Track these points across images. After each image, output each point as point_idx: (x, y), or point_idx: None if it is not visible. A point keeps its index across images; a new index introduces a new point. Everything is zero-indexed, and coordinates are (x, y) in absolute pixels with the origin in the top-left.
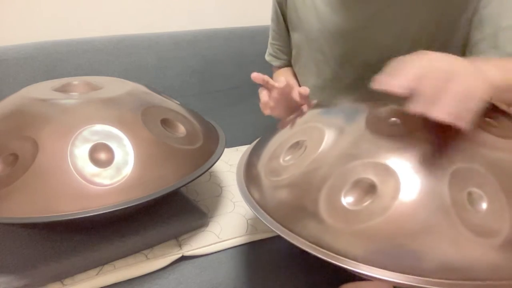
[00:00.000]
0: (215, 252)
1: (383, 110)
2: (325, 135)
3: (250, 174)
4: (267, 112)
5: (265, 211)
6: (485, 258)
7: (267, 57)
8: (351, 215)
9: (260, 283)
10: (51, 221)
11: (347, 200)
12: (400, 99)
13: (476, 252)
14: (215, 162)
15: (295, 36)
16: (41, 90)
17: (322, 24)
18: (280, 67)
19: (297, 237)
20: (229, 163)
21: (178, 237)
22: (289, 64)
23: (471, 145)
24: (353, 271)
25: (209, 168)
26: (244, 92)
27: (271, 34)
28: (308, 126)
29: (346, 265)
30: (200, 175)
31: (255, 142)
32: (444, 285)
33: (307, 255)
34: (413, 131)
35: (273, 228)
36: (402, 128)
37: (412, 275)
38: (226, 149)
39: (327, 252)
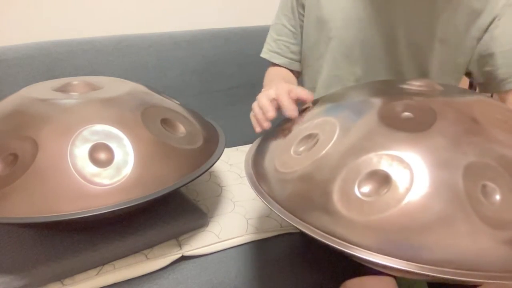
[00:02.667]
0: (215, 252)
1: (396, 105)
2: (337, 128)
3: (258, 167)
4: (258, 129)
5: (276, 203)
6: (498, 250)
7: (266, 54)
8: (364, 206)
9: (260, 283)
10: (51, 221)
11: (361, 191)
12: (411, 95)
13: (489, 244)
14: (215, 162)
15: (312, 28)
16: (41, 90)
17: (344, 13)
18: (280, 66)
19: (312, 228)
20: (229, 163)
21: (178, 237)
22: (291, 65)
23: (483, 140)
24: (365, 260)
25: (209, 168)
26: (244, 92)
27: (277, 29)
28: (320, 120)
29: (359, 254)
30: (200, 175)
31: (261, 137)
32: (456, 274)
33: (307, 254)
34: (426, 125)
35: (285, 218)
36: (416, 122)
37: (425, 265)
38: (226, 149)
39: (341, 241)
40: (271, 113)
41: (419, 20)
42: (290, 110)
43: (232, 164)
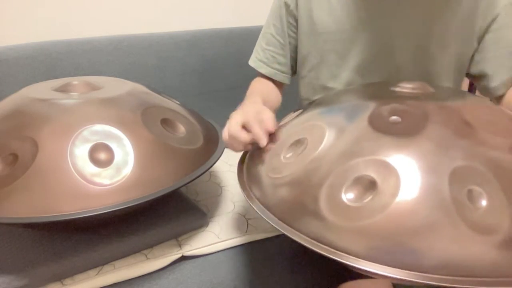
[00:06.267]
0: (215, 252)
1: (384, 109)
2: (326, 133)
3: (250, 172)
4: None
5: (266, 208)
6: (485, 255)
7: (254, 63)
8: (351, 212)
9: (260, 283)
10: (51, 221)
11: (347, 197)
12: (402, 98)
13: (476, 249)
14: (215, 162)
15: (305, 40)
16: (41, 90)
17: (338, 25)
18: (265, 76)
19: (299, 234)
20: (229, 163)
21: (178, 237)
22: (276, 75)
23: (471, 143)
24: (354, 267)
25: (209, 168)
26: (244, 92)
27: (266, 38)
28: (309, 125)
29: (347, 261)
30: (200, 175)
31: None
32: (444, 281)
33: (307, 255)
34: (414, 129)
35: (275, 226)
36: (403, 126)
37: (413, 271)
38: (226, 149)
39: (329, 248)
40: (244, 138)
41: (417, 26)
42: (260, 139)
43: (232, 164)
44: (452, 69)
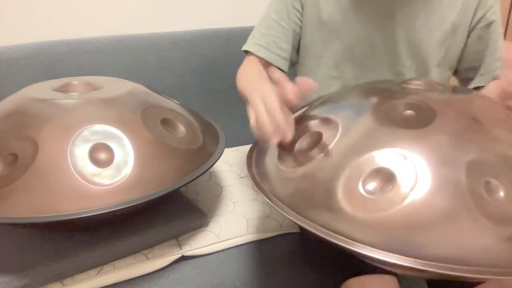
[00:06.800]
0: (215, 252)
1: (397, 103)
2: (339, 127)
3: (259, 166)
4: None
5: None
6: (501, 247)
7: (251, 47)
8: (369, 203)
9: (260, 282)
10: (51, 221)
11: (365, 189)
12: (413, 93)
13: (493, 240)
14: (215, 162)
15: (311, 27)
16: (41, 90)
17: (344, 16)
18: (261, 62)
19: (313, 224)
20: (229, 163)
21: (178, 237)
22: (277, 61)
23: (484, 138)
24: (370, 257)
25: (209, 168)
26: None
27: (266, 24)
28: (321, 119)
29: (363, 251)
30: (200, 175)
31: None
32: (460, 271)
33: (307, 255)
34: (428, 123)
35: (287, 215)
36: (417, 120)
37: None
38: (226, 149)
39: (344, 238)
40: (279, 122)
41: (416, 19)
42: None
43: (232, 164)
44: (448, 63)
